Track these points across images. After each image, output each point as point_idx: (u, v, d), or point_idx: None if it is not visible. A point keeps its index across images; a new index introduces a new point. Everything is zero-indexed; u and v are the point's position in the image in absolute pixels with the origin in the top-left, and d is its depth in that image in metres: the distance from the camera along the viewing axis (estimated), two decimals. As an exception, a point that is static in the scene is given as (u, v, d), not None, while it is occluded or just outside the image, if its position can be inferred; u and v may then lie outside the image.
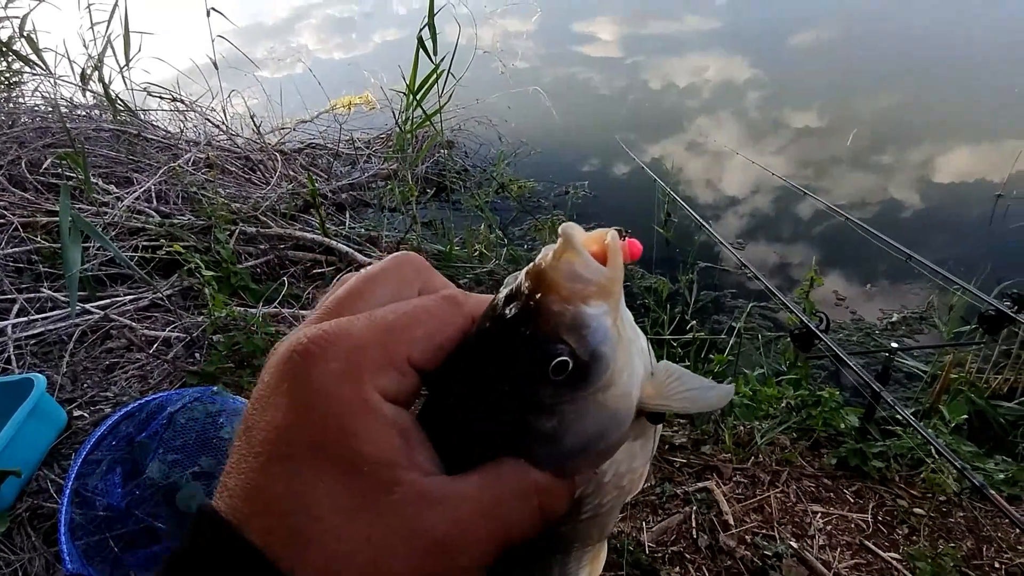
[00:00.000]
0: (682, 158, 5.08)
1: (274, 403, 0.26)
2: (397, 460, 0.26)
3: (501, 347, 0.28)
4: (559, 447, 0.29)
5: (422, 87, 3.18)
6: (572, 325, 0.27)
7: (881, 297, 3.24)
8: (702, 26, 8.82)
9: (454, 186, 4.33)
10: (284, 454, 0.25)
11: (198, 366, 2.27)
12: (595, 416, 0.29)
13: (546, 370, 0.27)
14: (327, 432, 0.25)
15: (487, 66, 5.78)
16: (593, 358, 0.28)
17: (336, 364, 0.26)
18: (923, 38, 6.88)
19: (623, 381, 0.29)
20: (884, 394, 1.45)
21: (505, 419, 0.28)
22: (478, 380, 0.29)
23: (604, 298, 0.28)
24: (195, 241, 2.89)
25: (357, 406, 0.26)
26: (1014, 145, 4.14)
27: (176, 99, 4.33)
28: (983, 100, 5.27)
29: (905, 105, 5.53)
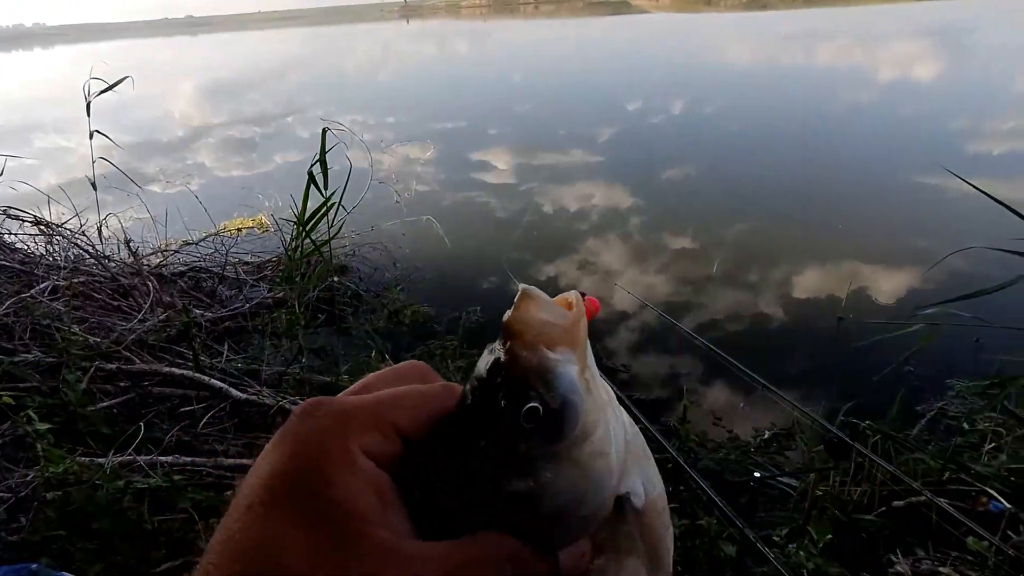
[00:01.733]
0: (572, 277, 5.38)
1: (267, 459, 0.28)
2: (369, 515, 0.26)
3: (476, 404, 0.29)
4: (536, 511, 0.28)
5: (311, 219, 3.22)
6: (539, 370, 0.28)
7: (753, 415, 3.46)
8: (587, 159, 9.77)
9: (345, 312, 4.27)
10: (263, 501, 0.26)
11: (20, 536, 1.95)
12: (571, 475, 0.28)
13: (518, 417, 0.27)
14: (306, 478, 0.26)
15: (384, 192, 5.98)
16: (563, 405, 0.28)
17: (326, 421, 0.28)
18: (774, 172, 8.04)
19: (597, 438, 0.29)
20: (748, 533, 1.51)
21: (482, 483, 0.28)
22: (455, 443, 0.29)
23: (569, 345, 0.29)
24: (39, 382, 2.59)
25: (339, 457, 0.27)
26: (851, 266, 4.80)
27: (40, 223, 4.05)
28: (825, 228, 6.13)
29: (760, 231, 6.30)
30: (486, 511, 0.29)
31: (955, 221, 5.54)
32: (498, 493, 0.28)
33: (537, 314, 0.29)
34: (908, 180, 7.07)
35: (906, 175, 7.21)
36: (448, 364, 3.57)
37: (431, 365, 1.48)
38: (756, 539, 1.50)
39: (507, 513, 0.28)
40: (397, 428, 0.30)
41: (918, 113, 10.53)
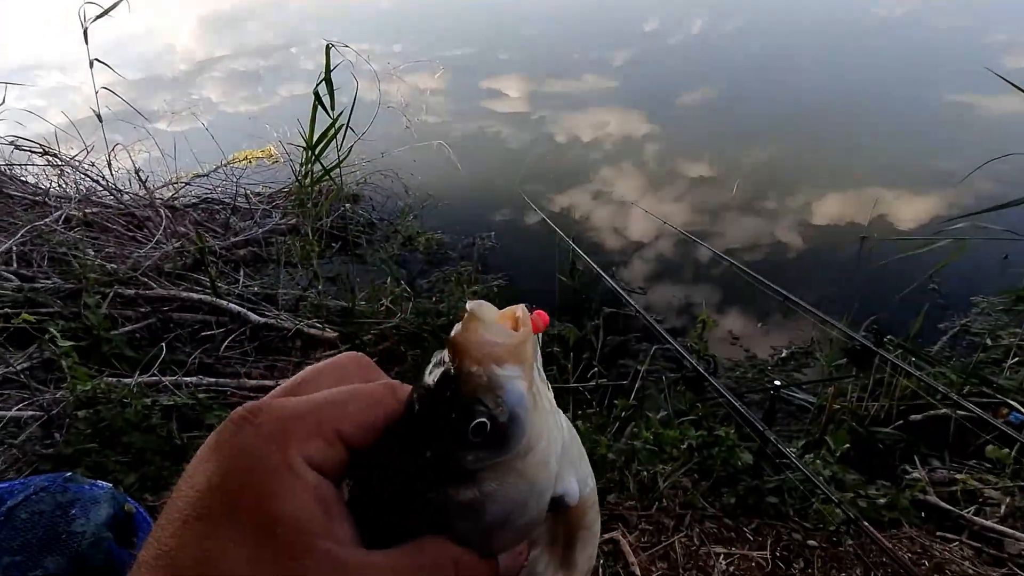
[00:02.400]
0: (587, 207, 5.27)
1: (201, 469, 0.26)
2: (313, 527, 0.26)
3: (424, 415, 0.29)
4: (480, 520, 0.29)
5: (320, 142, 3.13)
6: (488, 387, 0.28)
7: (771, 335, 3.44)
8: (601, 84, 9.38)
9: (359, 240, 4.24)
10: (200, 515, 0.25)
11: (55, 449, 2.02)
12: (515, 485, 0.29)
13: (466, 432, 0.28)
14: (246, 492, 0.25)
15: (394, 121, 5.82)
16: (510, 420, 0.29)
17: (265, 429, 0.26)
18: (793, 94, 7.67)
19: (541, 449, 0.30)
20: (768, 434, 1.50)
21: (427, 491, 0.28)
22: (402, 451, 0.29)
23: (517, 362, 0.29)
24: (61, 307, 2.62)
25: (279, 469, 0.26)
26: (875, 191, 4.63)
27: (48, 153, 4.00)
28: (848, 151, 5.90)
29: (781, 156, 6.08)
30: (431, 519, 0.29)
31: (986, 141, 5.28)
32: (443, 502, 0.29)
33: (485, 335, 0.29)
34: (938, 99, 6.71)
35: (936, 94, 6.84)
36: (464, 289, 3.56)
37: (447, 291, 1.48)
38: (777, 441, 1.49)
39: (452, 521, 0.29)
40: (340, 434, 0.28)
41: (953, 26, 9.88)
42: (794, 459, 1.39)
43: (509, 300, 0.32)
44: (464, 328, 0.29)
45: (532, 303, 0.33)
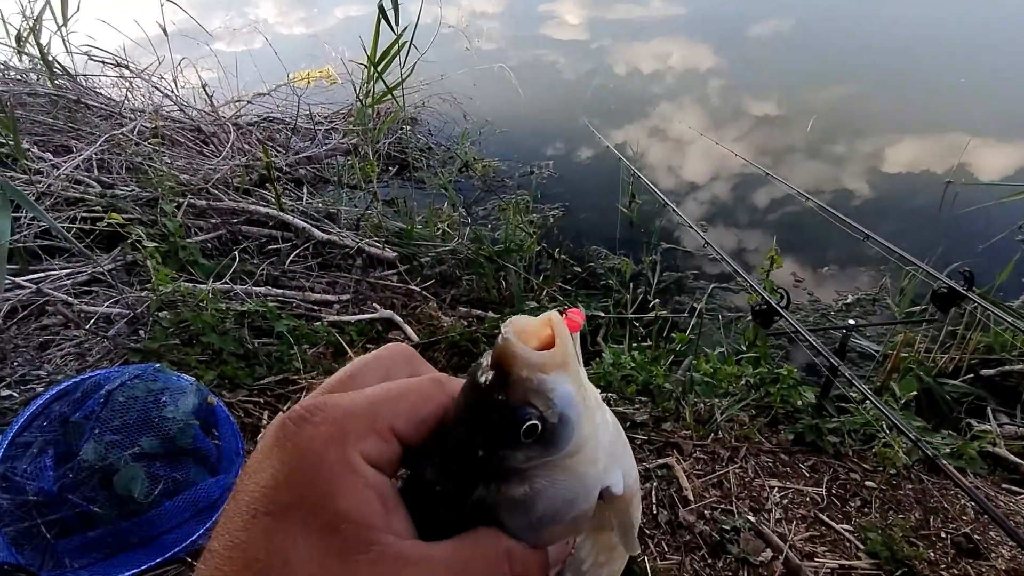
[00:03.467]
0: (645, 143, 5.09)
1: (264, 466, 0.28)
2: (375, 522, 0.27)
3: (476, 416, 0.30)
4: (531, 515, 0.30)
5: (383, 58, 3.06)
6: (539, 390, 0.29)
7: (836, 280, 3.32)
8: (667, 12, 8.86)
9: (417, 164, 4.22)
10: (267, 511, 0.26)
11: (142, 343, 2.15)
12: (564, 482, 0.30)
13: (518, 433, 0.29)
14: (310, 490, 0.27)
15: (452, 44, 5.65)
16: (561, 421, 0.30)
17: (324, 428, 0.28)
18: (877, 32, 7.06)
19: (590, 448, 0.31)
20: (842, 368, 1.46)
21: (479, 488, 0.30)
22: (455, 449, 0.30)
23: (561, 367, 0.30)
24: (140, 214, 2.73)
25: (340, 467, 0.27)
26: (960, 137, 4.29)
27: (121, 64, 4.07)
28: (932, 93, 5.45)
29: (858, 96, 5.67)
30: (482, 514, 0.30)
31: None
32: (495, 498, 0.30)
33: (527, 351, 0.30)
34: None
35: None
36: (520, 218, 3.53)
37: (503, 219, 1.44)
38: (851, 378, 1.46)
39: (502, 516, 0.30)
40: (394, 431, 0.30)
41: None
42: (869, 393, 1.35)
43: (567, 228, 0.30)
44: (506, 344, 0.30)
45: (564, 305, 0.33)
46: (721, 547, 1.65)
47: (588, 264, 3.32)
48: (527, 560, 0.30)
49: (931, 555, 1.60)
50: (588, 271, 3.28)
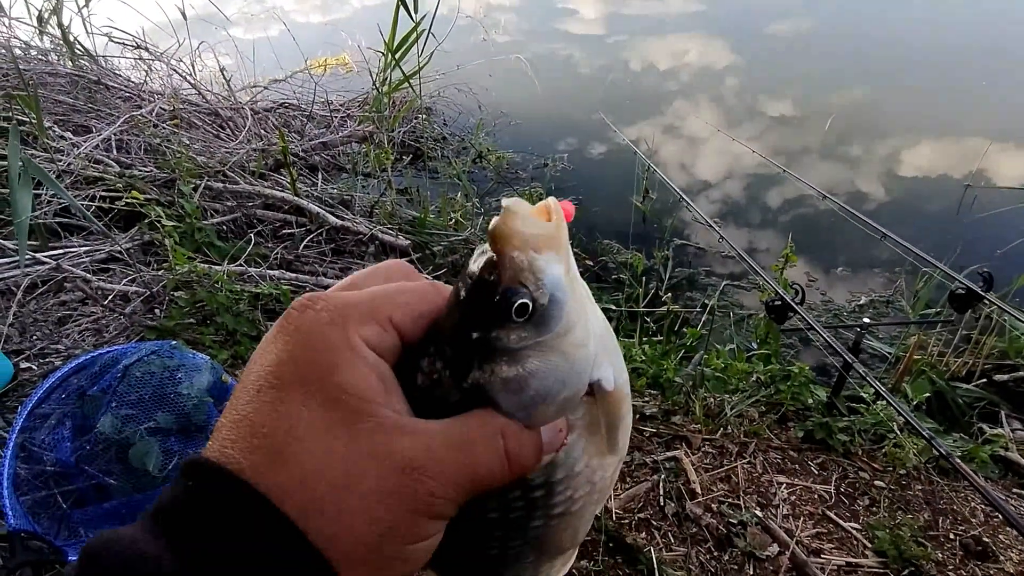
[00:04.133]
0: (660, 139, 5.06)
1: (270, 348, 0.29)
2: (374, 397, 0.28)
3: (470, 298, 0.31)
4: (523, 394, 0.31)
5: (401, 46, 3.07)
6: (529, 270, 0.30)
7: (850, 281, 3.30)
8: (685, 8, 8.79)
9: (431, 153, 4.23)
10: (273, 386, 0.28)
11: (157, 321, 2.18)
12: (555, 362, 0.31)
13: (509, 313, 0.30)
14: (313, 366, 0.28)
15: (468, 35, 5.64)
16: (551, 302, 0.31)
17: (326, 314, 0.29)
18: (897, 34, 6.97)
19: (579, 331, 0.32)
20: (856, 365, 1.46)
21: (474, 371, 0.31)
22: (450, 333, 0.31)
23: (553, 249, 0.31)
24: (157, 194, 2.75)
25: (341, 346, 0.28)
26: (979, 141, 4.24)
27: (141, 47, 4.10)
28: (952, 96, 5.38)
29: (877, 98, 5.60)
30: (477, 397, 0.31)
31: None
32: (488, 379, 0.30)
33: (523, 225, 0.30)
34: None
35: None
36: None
37: None
38: (865, 375, 1.45)
39: (496, 396, 0.31)
40: (392, 321, 0.31)
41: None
42: (883, 390, 1.35)
43: (580, 221, 0.31)
44: (503, 219, 0.30)
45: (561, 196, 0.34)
46: (727, 540, 1.66)
47: (600, 258, 3.32)
48: (521, 437, 0.31)
49: (939, 556, 1.60)
50: (600, 265, 3.28)
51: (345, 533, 0.26)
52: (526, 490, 0.34)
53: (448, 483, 0.29)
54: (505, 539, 0.37)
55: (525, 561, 0.40)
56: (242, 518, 0.25)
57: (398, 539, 0.28)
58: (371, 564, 0.27)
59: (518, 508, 0.35)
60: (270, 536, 0.25)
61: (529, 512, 0.35)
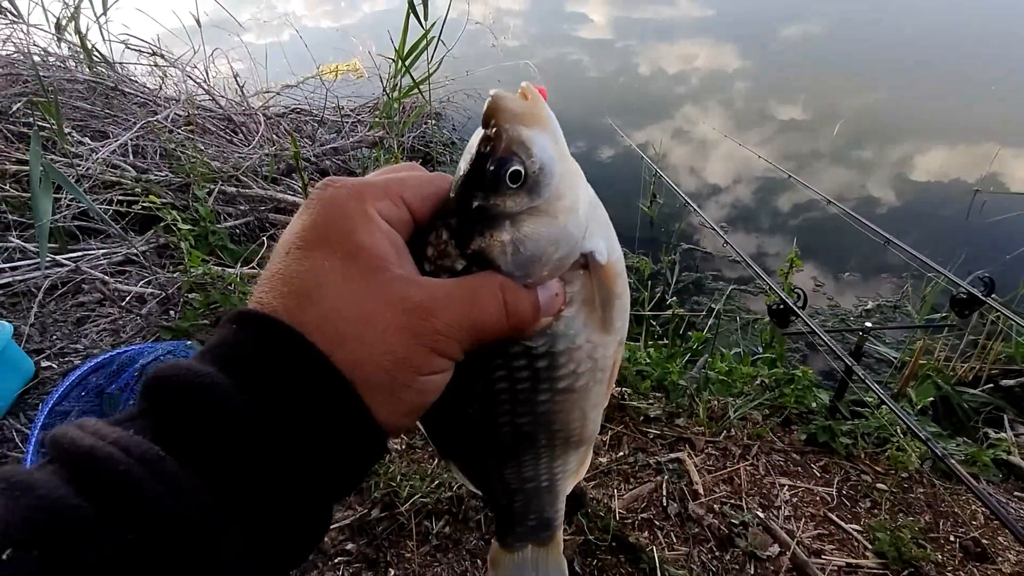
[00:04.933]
0: (667, 144, 5.08)
1: (297, 220, 0.34)
2: (388, 256, 0.33)
3: (469, 171, 0.34)
4: (519, 254, 0.34)
5: (411, 52, 3.12)
6: (520, 141, 0.34)
7: (857, 286, 3.31)
8: (694, 13, 8.81)
9: (440, 158, 4.28)
10: (299, 247, 0.32)
11: (172, 322, 2.23)
12: (548, 225, 0.34)
13: (505, 179, 0.33)
14: (333, 229, 0.32)
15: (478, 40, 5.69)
16: (541, 169, 0.34)
17: (345, 189, 0.34)
18: (906, 38, 6.95)
19: (569, 197, 0.35)
20: (856, 369, 1.48)
21: (475, 239, 0.34)
22: (453, 205, 0.35)
23: (539, 123, 0.35)
24: (172, 198, 2.81)
25: (359, 214, 0.33)
26: (990, 146, 4.23)
27: (156, 54, 4.18)
28: (962, 100, 5.36)
29: (885, 102, 5.59)
30: (481, 261, 0.34)
31: None
32: (488, 243, 0.34)
33: (510, 103, 0.34)
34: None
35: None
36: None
37: None
38: (864, 377, 1.47)
39: (494, 259, 0.34)
40: (403, 199, 0.35)
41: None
42: (883, 394, 1.37)
43: None
44: (492, 100, 0.34)
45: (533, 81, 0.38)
46: (729, 540, 1.68)
47: None
48: (519, 293, 0.35)
49: (939, 557, 1.61)
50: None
51: (365, 360, 0.30)
52: (531, 359, 0.37)
53: (453, 323, 0.32)
54: (514, 414, 0.40)
55: (538, 443, 0.42)
56: (280, 349, 0.30)
57: (410, 368, 0.32)
58: (387, 388, 0.31)
59: (524, 379, 0.38)
60: (303, 362, 0.29)
61: (535, 384, 0.38)
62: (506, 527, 0.52)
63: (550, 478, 0.46)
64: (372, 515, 1.70)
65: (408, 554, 1.62)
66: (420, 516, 1.70)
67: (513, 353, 0.37)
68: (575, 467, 0.47)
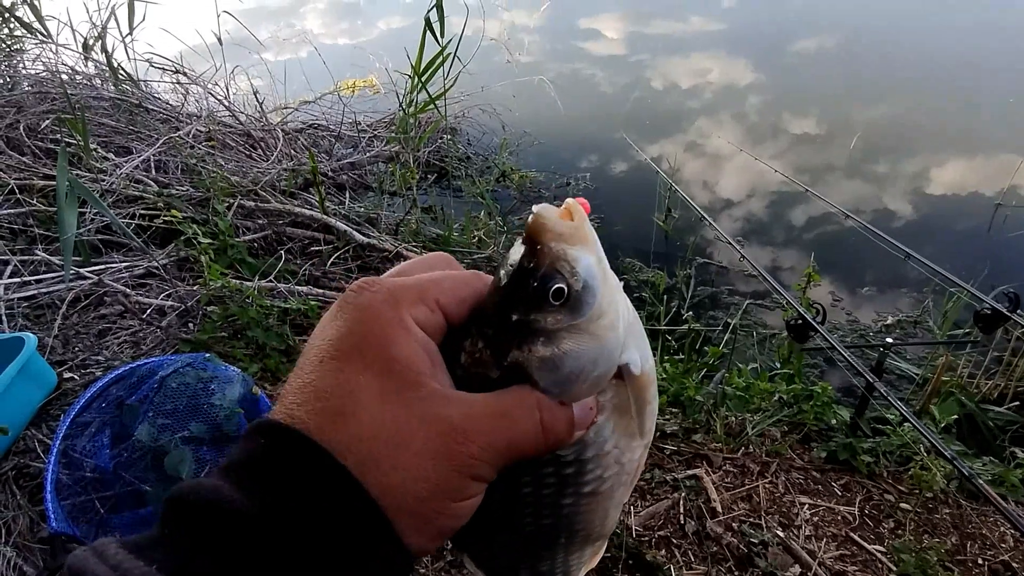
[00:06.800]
0: (681, 158, 5.08)
1: (329, 326, 0.33)
2: (423, 369, 0.32)
3: (510, 284, 0.34)
4: (558, 372, 0.34)
5: (427, 69, 3.16)
6: (565, 259, 0.33)
7: (876, 301, 3.26)
8: (707, 27, 8.83)
9: (455, 172, 4.31)
10: (333, 356, 0.31)
11: (191, 335, 2.26)
12: (587, 344, 0.34)
13: (547, 297, 0.33)
14: (369, 339, 0.31)
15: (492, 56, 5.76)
16: (584, 288, 0.34)
17: (380, 295, 0.32)
18: (923, 50, 6.90)
19: (610, 315, 0.35)
20: (878, 385, 1.45)
21: (513, 351, 0.33)
22: (491, 316, 0.34)
23: (581, 241, 0.34)
24: (193, 212, 2.86)
25: (394, 323, 0.32)
26: (1009, 158, 4.17)
27: (179, 71, 4.28)
28: (981, 113, 5.31)
29: (902, 115, 5.55)
30: (515, 375, 0.33)
31: None
32: (526, 359, 0.33)
33: (554, 222, 0.34)
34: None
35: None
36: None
37: None
38: (887, 393, 1.45)
39: (532, 374, 0.33)
40: (439, 304, 0.34)
41: None
42: (905, 411, 1.34)
43: (602, 239, 0.36)
44: (536, 216, 0.34)
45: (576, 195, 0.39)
46: (748, 560, 1.65)
47: (622, 276, 3.26)
48: (555, 411, 0.34)
49: (967, 580, 1.57)
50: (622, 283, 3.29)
51: (397, 486, 0.30)
52: (558, 466, 0.37)
53: (489, 447, 0.32)
54: (537, 516, 0.39)
55: (557, 542, 0.42)
56: (308, 470, 0.29)
57: (444, 495, 0.31)
58: (419, 516, 0.31)
59: (550, 484, 0.38)
60: (332, 486, 0.29)
61: (561, 489, 0.38)
62: None
63: (565, 571, 0.46)
64: None
65: None
66: None
67: (541, 461, 0.37)
68: (589, 557, 0.48)
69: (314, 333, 0.33)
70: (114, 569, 0.26)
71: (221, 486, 0.29)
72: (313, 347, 0.32)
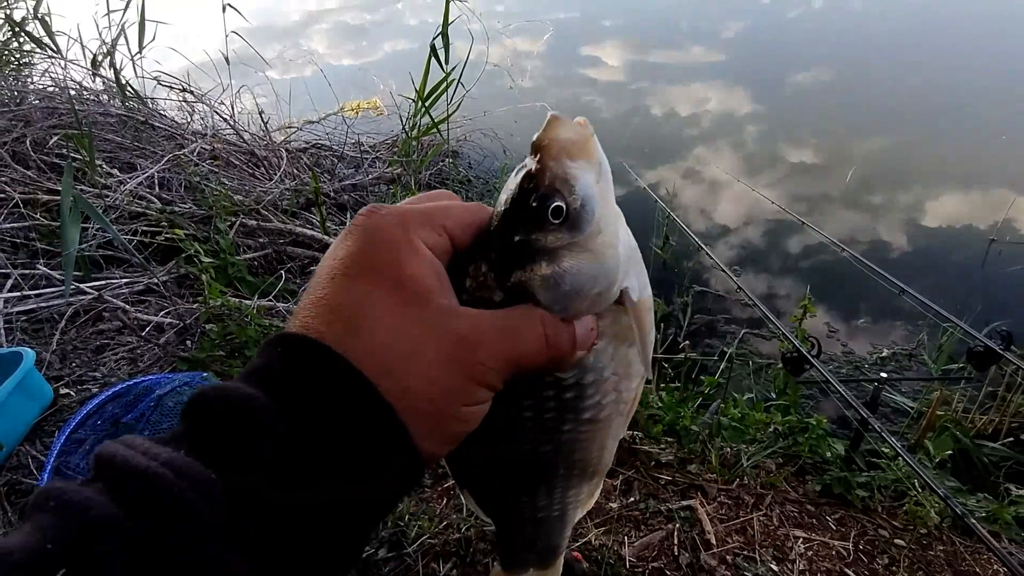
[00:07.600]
0: (679, 186, 5.14)
1: (339, 246, 0.34)
2: (431, 285, 0.33)
3: (512, 205, 0.35)
4: (559, 289, 0.35)
5: (431, 94, 3.22)
6: (563, 178, 0.34)
7: (871, 333, 3.28)
8: (707, 57, 8.98)
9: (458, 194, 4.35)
10: (345, 274, 0.32)
11: (189, 353, 2.26)
12: (587, 261, 0.35)
13: (546, 215, 0.34)
14: (380, 258, 0.33)
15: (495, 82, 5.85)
16: (582, 205, 0.35)
17: (389, 217, 0.34)
18: (920, 84, 7.03)
19: (609, 232, 0.36)
20: (872, 421, 1.47)
21: (516, 272, 0.35)
22: (495, 238, 0.36)
23: (586, 156, 0.36)
24: (195, 230, 2.88)
25: (403, 243, 0.33)
26: (1003, 193, 4.24)
27: (186, 90, 4.34)
28: (976, 148, 5.39)
29: (899, 148, 5.64)
30: (521, 293, 0.35)
31: None
32: (528, 277, 0.34)
33: (561, 133, 0.35)
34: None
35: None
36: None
37: None
38: (881, 429, 1.46)
39: (534, 292, 0.35)
40: (445, 228, 0.35)
41: None
42: (899, 448, 1.35)
43: None
44: (546, 127, 0.35)
45: None
46: (743, 595, 1.64)
47: None
48: (558, 326, 0.35)
49: (961, 620, 1.56)
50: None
51: (411, 391, 0.31)
52: (559, 390, 0.38)
53: (496, 356, 0.33)
54: (537, 442, 0.40)
55: (556, 474, 0.43)
56: (327, 375, 0.30)
57: (454, 399, 0.33)
58: (431, 418, 0.32)
59: (551, 408, 0.39)
60: (350, 390, 0.30)
61: (560, 414, 0.39)
62: (512, 552, 0.53)
63: (562, 507, 0.47)
64: (379, 555, 1.69)
65: (415, 598, 1.60)
66: (427, 558, 1.68)
67: (542, 383, 0.38)
68: (586, 497, 0.49)
69: (325, 255, 0.35)
70: (143, 454, 0.27)
71: (245, 388, 0.30)
72: (325, 266, 0.34)
